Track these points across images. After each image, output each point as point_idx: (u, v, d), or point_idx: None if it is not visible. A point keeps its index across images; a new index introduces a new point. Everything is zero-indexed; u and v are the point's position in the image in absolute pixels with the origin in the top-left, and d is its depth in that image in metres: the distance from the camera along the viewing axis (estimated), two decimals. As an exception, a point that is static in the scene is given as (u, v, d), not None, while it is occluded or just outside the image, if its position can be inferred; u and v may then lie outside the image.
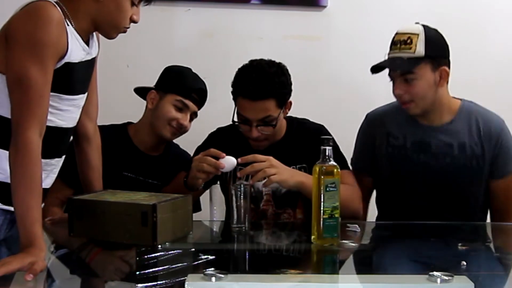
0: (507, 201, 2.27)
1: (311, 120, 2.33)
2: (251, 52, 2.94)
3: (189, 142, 2.35)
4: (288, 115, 2.26)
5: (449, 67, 2.20)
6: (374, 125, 2.33)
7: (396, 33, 2.20)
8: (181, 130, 2.31)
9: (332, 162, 1.74)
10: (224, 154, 1.96)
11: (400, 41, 2.15)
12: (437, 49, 2.17)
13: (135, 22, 1.75)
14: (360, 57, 2.64)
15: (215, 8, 2.95)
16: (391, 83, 2.22)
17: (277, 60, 2.20)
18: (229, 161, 1.95)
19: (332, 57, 3.00)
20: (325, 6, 2.97)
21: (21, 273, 1.40)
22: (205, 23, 2.95)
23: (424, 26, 2.17)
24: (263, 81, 2.10)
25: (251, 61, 2.20)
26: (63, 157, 1.82)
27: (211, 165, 1.95)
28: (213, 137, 2.30)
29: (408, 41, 2.13)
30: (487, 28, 3.03)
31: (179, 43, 2.94)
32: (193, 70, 2.38)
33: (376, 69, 2.22)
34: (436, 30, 2.21)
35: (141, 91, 2.38)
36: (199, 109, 2.35)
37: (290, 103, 2.20)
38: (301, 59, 2.98)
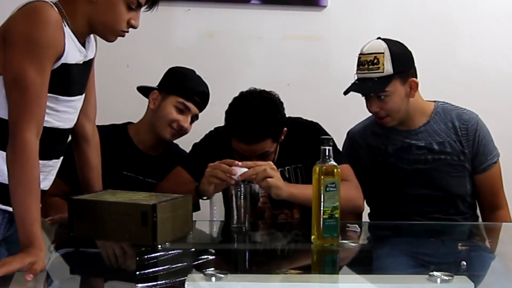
0: (493, 194, 2.32)
1: (309, 119, 2.31)
2: (251, 52, 2.97)
3: (188, 142, 2.35)
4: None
5: (416, 76, 2.24)
6: (356, 143, 2.39)
7: (361, 54, 2.23)
8: (181, 132, 2.32)
9: (332, 162, 1.74)
10: (238, 162, 1.95)
11: (367, 62, 2.20)
12: (403, 63, 2.21)
13: (133, 27, 1.73)
14: (360, 57, 2.64)
15: (215, 8, 2.95)
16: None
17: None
18: (241, 170, 1.94)
19: (332, 57, 3.00)
20: (325, 6, 2.97)
21: (21, 273, 1.40)
22: (205, 23, 2.95)
23: (387, 42, 2.21)
24: (257, 126, 2.04)
25: (242, 96, 2.13)
26: (61, 158, 1.82)
27: (224, 171, 1.94)
28: (211, 136, 2.29)
29: (375, 61, 2.18)
30: (488, 28, 3.03)
31: (179, 43, 2.94)
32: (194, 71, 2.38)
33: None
34: (399, 43, 2.24)
35: (144, 90, 2.39)
36: (200, 111, 2.35)
37: (286, 131, 2.16)
38: (301, 59, 2.99)
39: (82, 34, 1.72)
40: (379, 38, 2.24)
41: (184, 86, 2.31)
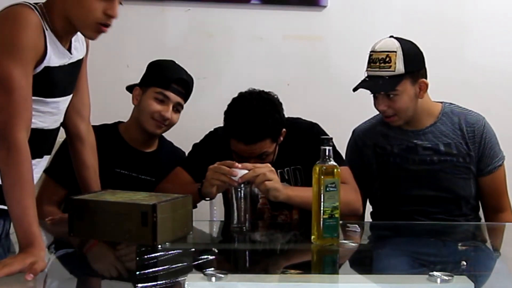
0: (496, 196, 2.32)
1: (308, 120, 2.31)
2: (251, 52, 2.97)
3: (187, 142, 2.35)
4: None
5: (426, 77, 2.24)
6: (361, 142, 2.37)
7: (373, 51, 2.22)
8: (165, 122, 2.29)
9: (332, 162, 1.74)
10: (237, 164, 1.95)
11: (378, 60, 2.19)
12: (415, 63, 2.20)
13: (111, 17, 1.64)
14: (360, 57, 2.65)
15: (215, 8, 2.95)
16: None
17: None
18: (241, 172, 1.94)
19: (332, 57, 3.00)
20: (325, 6, 2.97)
21: (21, 273, 1.40)
22: (205, 23, 2.95)
23: (399, 40, 2.20)
24: (256, 125, 2.05)
25: (241, 97, 2.13)
26: (45, 157, 1.82)
27: (225, 173, 1.94)
28: (210, 137, 2.29)
29: (387, 59, 2.17)
30: (490, 28, 3.03)
31: (179, 43, 2.94)
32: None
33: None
34: (411, 43, 2.24)
35: (131, 89, 2.38)
36: (184, 100, 2.32)
37: (284, 131, 2.16)
38: (301, 59, 2.99)
39: (66, 34, 1.70)
40: (391, 36, 2.23)
41: (160, 75, 2.30)
